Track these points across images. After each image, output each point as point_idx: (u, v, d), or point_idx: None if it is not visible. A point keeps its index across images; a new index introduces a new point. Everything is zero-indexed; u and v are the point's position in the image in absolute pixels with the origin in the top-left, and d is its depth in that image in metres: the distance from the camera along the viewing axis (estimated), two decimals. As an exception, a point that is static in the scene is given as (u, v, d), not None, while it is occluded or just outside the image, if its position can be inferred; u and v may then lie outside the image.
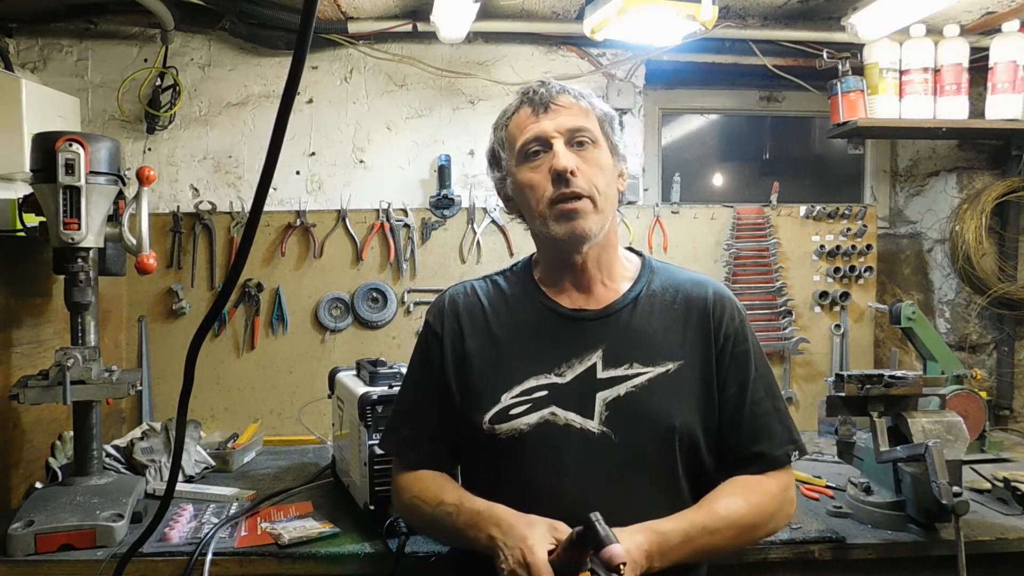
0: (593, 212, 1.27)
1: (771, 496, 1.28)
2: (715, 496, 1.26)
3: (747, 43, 2.60)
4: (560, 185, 1.26)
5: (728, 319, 1.34)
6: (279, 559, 1.56)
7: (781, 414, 1.34)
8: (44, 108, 2.12)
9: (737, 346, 1.33)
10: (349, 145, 2.63)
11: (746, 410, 1.30)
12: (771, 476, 1.30)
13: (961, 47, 2.47)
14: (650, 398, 1.27)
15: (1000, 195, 2.63)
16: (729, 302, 1.36)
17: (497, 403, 1.29)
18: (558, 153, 1.27)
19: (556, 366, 1.30)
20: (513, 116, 1.35)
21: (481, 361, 1.34)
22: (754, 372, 1.33)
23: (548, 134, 1.28)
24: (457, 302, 1.41)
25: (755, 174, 3.21)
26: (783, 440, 1.32)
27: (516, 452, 1.28)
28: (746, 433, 1.30)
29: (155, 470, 1.98)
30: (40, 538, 1.54)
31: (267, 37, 2.52)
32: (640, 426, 1.26)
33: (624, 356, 1.30)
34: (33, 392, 1.65)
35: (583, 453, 1.25)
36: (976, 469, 2.01)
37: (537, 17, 2.54)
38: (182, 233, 2.53)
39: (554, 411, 1.27)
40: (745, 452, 1.30)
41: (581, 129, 1.29)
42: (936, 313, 2.82)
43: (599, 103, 1.36)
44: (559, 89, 1.32)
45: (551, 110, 1.30)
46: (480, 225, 2.62)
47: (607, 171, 1.31)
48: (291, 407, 2.56)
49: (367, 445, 1.64)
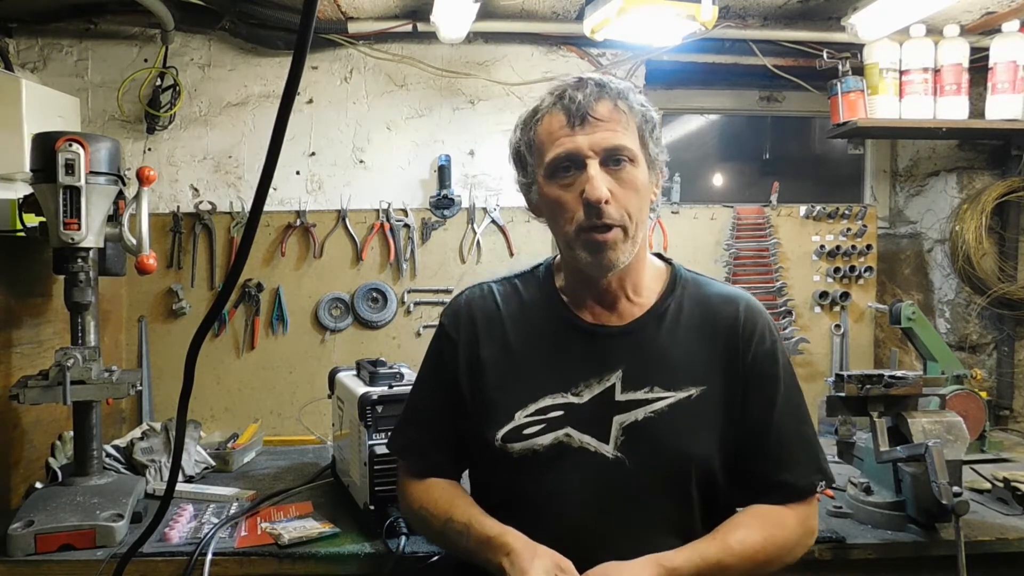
0: (623, 241, 1.19)
1: (789, 529, 1.23)
2: (730, 528, 1.20)
3: (747, 43, 2.60)
4: (591, 216, 1.17)
5: (758, 341, 1.26)
6: (279, 559, 1.56)
7: (808, 442, 1.27)
8: (44, 108, 2.12)
9: (767, 369, 1.26)
10: (349, 145, 2.63)
11: (772, 436, 1.24)
12: (792, 508, 1.24)
13: (961, 47, 2.47)
14: (669, 426, 1.21)
15: (1000, 195, 2.63)
16: (761, 321, 1.28)
17: (511, 420, 1.24)
18: (592, 179, 1.16)
19: (574, 385, 1.24)
20: (544, 119, 1.22)
21: (496, 372, 1.29)
22: (782, 397, 1.26)
23: (583, 153, 1.17)
24: (473, 306, 1.35)
25: (755, 174, 3.21)
26: (809, 469, 1.26)
27: (527, 471, 1.23)
28: (771, 460, 1.24)
29: (155, 470, 1.98)
30: (40, 538, 1.54)
31: (267, 37, 2.52)
32: (656, 454, 1.21)
33: (645, 379, 1.23)
34: (33, 392, 1.65)
35: (596, 477, 1.21)
36: (976, 469, 2.01)
37: (537, 17, 2.54)
38: (182, 233, 2.53)
39: (569, 432, 1.22)
40: (769, 480, 1.24)
41: (620, 148, 1.17)
42: (936, 313, 2.82)
43: (639, 103, 1.23)
44: (598, 93, 1.19)
45: (588, 123, 1.17)
46: (480, 225, 2.62)
47: (642, 191, 1.21)
48: (291, 407, 2.56)
49: (367, 445, 1.64)
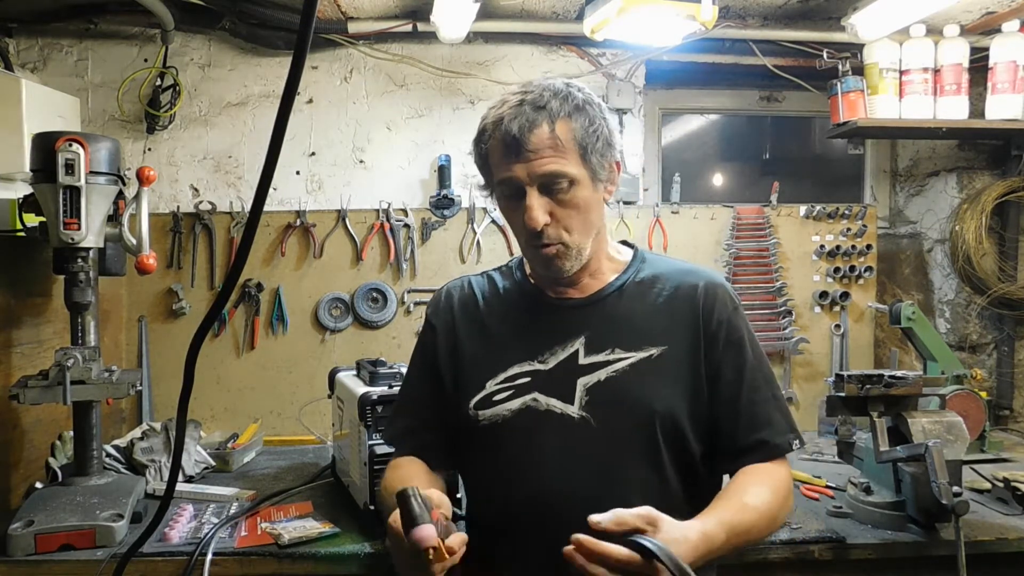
0: (566, 254, 1.28)
1: (785, 483, 1.28)
2: (738, 488, 1.24)
3: (747, 43, 2.60)
4: (534, 237, 1.26)
5: (720, 307, 1.32)
6: (279, 559, 1.56)
7: (780, 403, 1.33)
8: (44, 108, 2.12)
9: (731, 335, 1.31)
10: (349, 145, 2.63)
11: (743, 398, 1.29)
12: (777, 464, 1.30)
13: (961, 47, 2.47)
14: (630, 383, 1.27)
15: (1000, 195, 2.63)
16: (721, 291, 1.34)
17: (482, 390, 1.32)
18: (528, 209, 1.23)
19: (540, 353, 1.32)
20: (489, 144, 1.27)
21: (471, 350, 1.38)
22: (751, 361, 1.31)
23: (521, 181, 1.24)
24: (452, 295, 1.45)
25: (755, 174, 3.21)
26: (783, 428, 1.31)
27: (498, 438, 1.30)
28: (745, 422, 1.29)
29: (155, 470, 1.98)
30: (40, 538, 1.54)
31: (267, 37, 2.52)
32: (619, 411, 1.26)
33: (606, 342, 1.30)
34: (33, 392, 1.65)
35: (564, 439, 1.26)
36: (976, 469, 2.01)
37: (537, 17, 2.54)
38: (182, 233, 2.53)
39: (536, 397, 1.29)
40: (746, 441, 1.29)
41: (554, 175, 1.23)
42: (936, 313, 2.82)
43: (579, 117, 1.24)
44: (533, 119, 1.22)
45: (523, 154, 1.22)
46: (480, 225, 2.62)
47: (584, 206, 1.27)
48: (291, 407, 2.56)
49: (367, 445, 1.64)
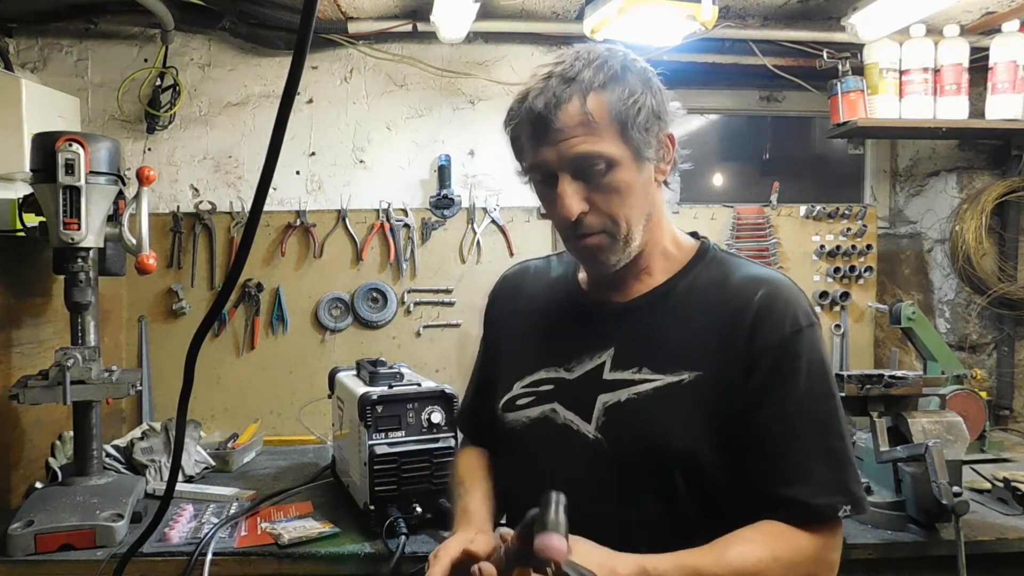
0: (612, 243, 1.11)
1: (802, 555, 1.01)
2: (730, 541, 1.02)
3: (747, 43, 2.60)
4: (569, 230, 1.11)
5: (773, 327, 1.07)
6: (279, 559, 1.56)
7: (832, 456, 1.05)
8: (44, 108, 2.12)
9: (780, 361, 1.06)
10: (349, 145, 2.63)
11: (777, 442, 1.05)
12: (808, 532, 1.02)
13: (961, 47, 2.47)
14: (650, 410, 1.10)
15: (1000, 195, 2.63)
16: (781, 306, 1.09)
17: (510, 390, 1.24)
18: (561, 197, 1.07)
19: (567, 360, 1.19)
20: (515, 124, 1.12)
21: (509, 346, 1.31)
22: (800, 397, 1.06)
23: (551, 167, 1.08)
24: (508, 281, 1.38)
25: (755, 174, 3.21)
26: (827, 488, 1.03)
27: (516, 444, 1.22)
28: (779, 471, 1.05)
29: (155, 470, 1.98)
30: (40, 538, 1.54)
31: (267, 37, 2.52)
32: (632, 439, 1.10)
33: (636, 358, 1.13)
34: (33, 392, 1.65)
35: (576, 459, 1.14)
36: (976, 469, 2.01)
37: (537, 17, 2.54)
38: (182, 233, 2.53)
39: (555, 408, 1.18)
40: (773, 494, 1.04)
41: (587, 157, 1.06)
42: (936, 313, 2.82)
43: (615, 88, 1.07)
44: (562, 93, 1.06)
45: (551, 134, 1.06)
46: (480, 225, 2.62)
47: (626, 190, 1.09)
48: (291, 407, 2.56)
49: (367, 445, 1.64)
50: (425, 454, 1.67)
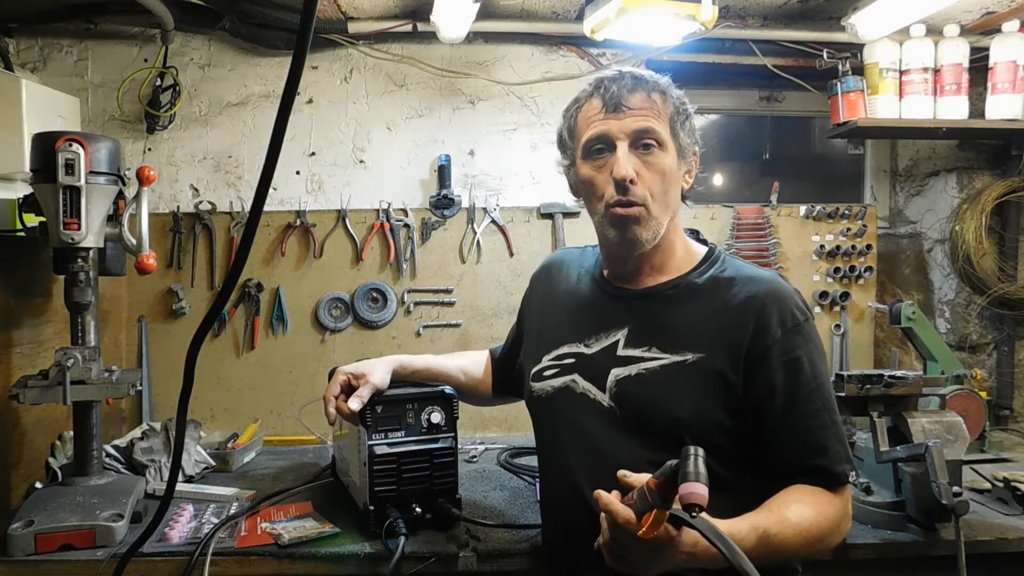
0: (647, 219, 1.30)
1: (836, 508, 1.22)
2: (782, 501, 1.20)
3: (747, 43, 2.60)
4: (619, 192, 1.28)
5: (776, 323, 1.26)
6: (279, 559, 1.56)
7: (838, 430, 1.27)
8: (44, 108, 2.12)
9: (785, 355, 1.25)
10: (349, 145, 2.63)
11: (798, 423, 1.24)
12: (833, 493, 1.24)
13: (961, 47, 2.47)
14: (655, 384, 1.28)
15: (1000, 195, 2.63)
16: (781, 306, 1.27)
17: (539, 363, 1.44)
18: (619, 159, 1.28)
19: (587, 336, 1.38)
20: (583, 107, 1.35)
21: (541, 323, 1.52)
22: (808, 384, 1.25)
23: (613, 135, 1.29)
24: (551, 264, 1.59)
25: (755, 174, 3.21)
26: (842, 457, 1.25)
27: (543, 411, 1.42)
28: (802, 445, 1.24)
29: (155, 470, 1.98)
30: (40, 538, 1.54)
31: (267, 37, 2.52)
32: (641, 407, 1.29)
33: (647, 339, 1.32)
34: (33, 392, 1.65)
35: (595, 423, 1.32)
36: (976, 469, 2.01)
37: (537, 17, 2.54)
38: (182, 233, 2.53)
39: (575, 379, 1.37)
40: (802, 464, 1.24)
41: (648, 131, 1.29)
42: (936, 313, 2.82)
43: (675, 95, 1.35)
44: (633, 86, 1.31)
45: (620, 110, 1.29)
46: (480, 225, 2.62)
47: (668, 175, 1.31)
48: (291, 407, 2.56)
49: (367, 445, 1.64)
50: (425, 454, 1.67)
